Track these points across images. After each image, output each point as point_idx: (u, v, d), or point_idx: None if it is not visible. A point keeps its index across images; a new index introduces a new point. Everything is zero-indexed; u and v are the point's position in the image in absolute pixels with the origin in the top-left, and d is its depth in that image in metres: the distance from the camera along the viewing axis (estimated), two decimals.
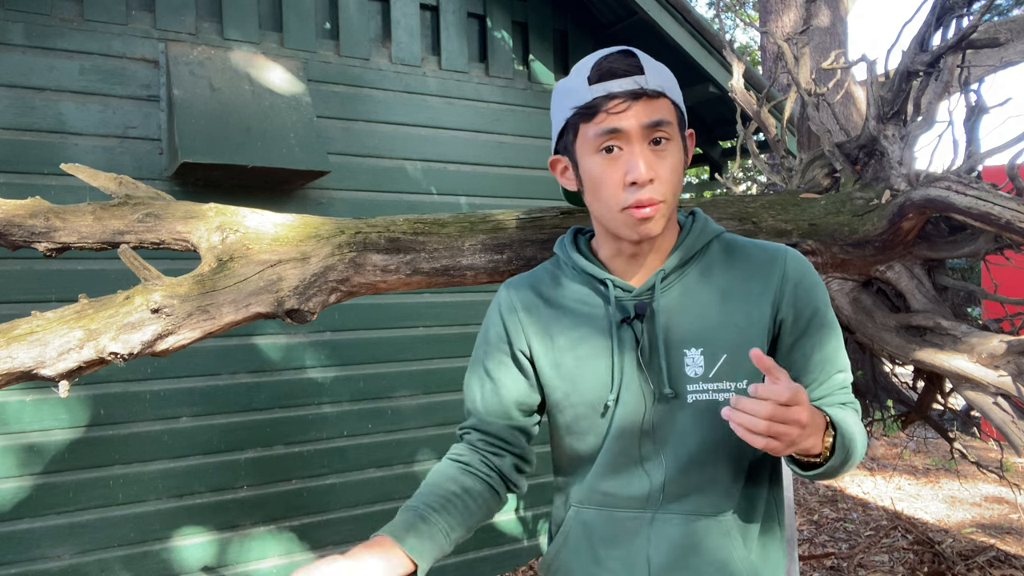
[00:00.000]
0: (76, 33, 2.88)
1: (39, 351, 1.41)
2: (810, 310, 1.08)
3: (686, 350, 1.06)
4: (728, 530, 1.07)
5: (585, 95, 1.03)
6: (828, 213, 1.85)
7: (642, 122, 1.01)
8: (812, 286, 1.09)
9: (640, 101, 1.01)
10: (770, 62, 6.86)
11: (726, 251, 1.12)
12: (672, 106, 1.04)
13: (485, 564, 3.62)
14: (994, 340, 1.70)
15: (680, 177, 1.06)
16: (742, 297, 1.08)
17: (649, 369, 1.07)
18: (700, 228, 1.13)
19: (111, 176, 1.72)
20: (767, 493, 1.13)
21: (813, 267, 1.12)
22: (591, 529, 1.13)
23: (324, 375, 3.28)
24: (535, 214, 1.74)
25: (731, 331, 1.06)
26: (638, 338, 1.08)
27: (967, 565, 3.45)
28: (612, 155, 1.03)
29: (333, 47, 3.38)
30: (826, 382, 1.10)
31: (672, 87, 1.05)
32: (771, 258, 1.10)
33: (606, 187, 1.04)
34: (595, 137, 1.03)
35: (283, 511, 3.17)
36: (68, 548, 2.78)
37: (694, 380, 1.06)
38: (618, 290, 1.10)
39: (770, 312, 1.07)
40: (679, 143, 1.06)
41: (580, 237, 1.20)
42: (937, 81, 1.93)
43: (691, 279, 1.10)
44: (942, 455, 5.91)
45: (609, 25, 3.97)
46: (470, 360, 1.24)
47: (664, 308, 1.08)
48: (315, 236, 1.64)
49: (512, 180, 3.79)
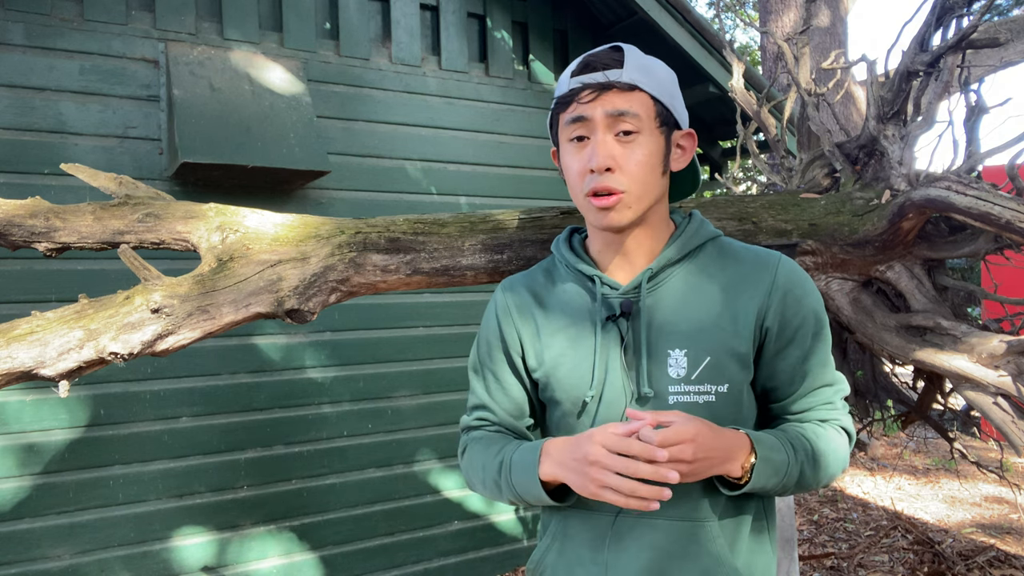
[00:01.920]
0: (76, 33, 2.88)
1: (39, 351, 1.41)
2: (798, 320, 1.08)
3: (670, 351, 1.06)
4: (713, 536, 1.06)
5: (564, 87, 1.07)
6: (828, 213, 1.85)
7: (606, 110, 1.02)
8: (802, 296, 1.08)
9: (609, 92, 1.03)
10: (770, 62, 6.86)
11: (720, 254, 1.12)
12: (649, 100, 1.04)
13: (485, 564, 3.62)
14: (994, 340, 1.70)
15: (651, 171, 1.05)
16: (730, 301, 1.07)
17: (632, 368, 1.07)
18: (694, 230, 1.12)
19: (111, 176, 1.72)
20: (755, 509, 1.11)
21: (809, 277, 1.12)
22: (574, 532, 1.12)
23: (324, 375, 3.28)
24: (535, 214, 1.74)
25: (716, 334, 1.06)
26: (623, 336, 1.08)
27: (967, 565, 3.45)
28: (580, 144, 1.06)
29: (333, 47, 3.38)
30: (808, 396, 1.10)
31: (654, 83, 1.05)
32: (763, 265, 1.09)
33: (572, 174, 1.08)
34: (565, 125, 1.07)
35: (283, 511, 3.17)
36: (68, 548, 2.78)
37: (676, 381, 1.05)
38: (605, 287, 1.10)
39: (756, 319, 1.06)
40: (654, 137, 1.05)
41: (576, 236, 1.21)
42: (937, 81, 1.93)
43: (680, 280, 1.09)
44: (942, 455, 5.91)
45: (609, 25, 3.97)
46: (470, 359, 1.24)
47: (650, 307, 1.08)
48: (315, 236, 1.64)
49: (512, 180, 3.79)
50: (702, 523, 1.06)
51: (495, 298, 1.22)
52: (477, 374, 1.22)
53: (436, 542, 3.51)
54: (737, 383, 1.06)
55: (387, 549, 3.39)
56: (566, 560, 1.13)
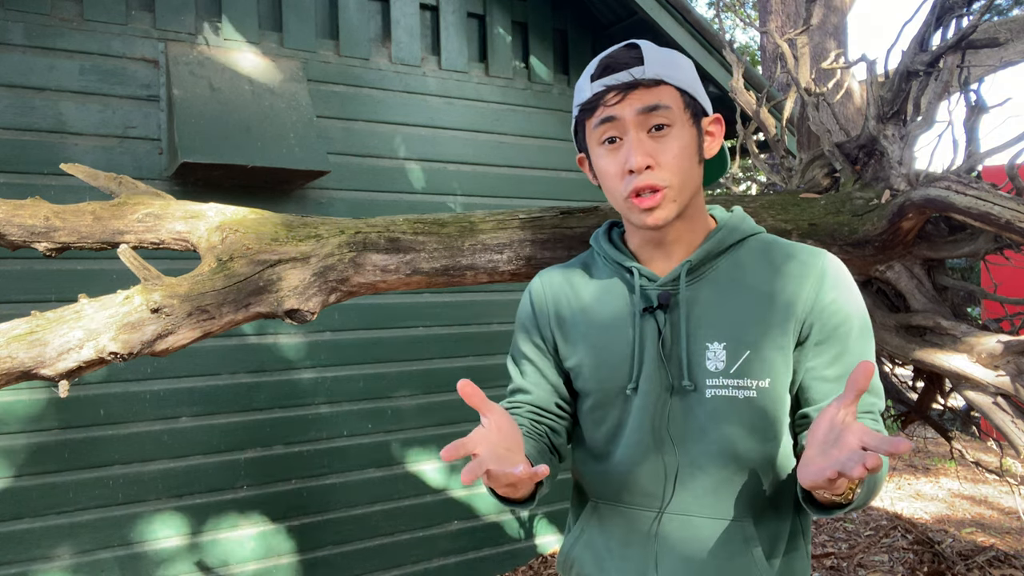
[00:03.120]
0: (76, 33, 2.88)
1: (39, 351, 1.41)
2: (839, 319, 1.04)
3: (708, 344, 1.04)
4: (747, 537, 1.04)
5: (587, 92, 1.05)
6: (828, 213, 1.85)
7: (636, 108, 1.00)
8: (847, 296, 1.05)
9: (636, 91, 1.01)
10: (770, 62, 6.86)
11: (762, 250, 1.09)
12: (676, 92, 1.03)
13: (485, 564, 3.62)
14: (993, 340, 1.70)
15: (689, 162, 1.03)
16: (771, 297, 1.05)
17: (669, 360, 1.06)
18: (735, 224, 1.10)
19: (111, 176, 1.72)
20: (794, 513, 1.09)
21: (852, 279, 1.08)
22: (604, 524, 1.12)
23: (324, 375, 3.28)
24: (535, 214, 1.74)
25: (756, 329, 1.03)
26: (660, 328, 1.06)
27: (967, 565, 3.45)
28: (613, 146, 1.04)
29: (333, 47, 3.38)
30: None
31: (677, 74, 1.03)
32: (807, 262, 1.06)
33: (609, 178, 1.05)
34: (595, 129, 1.04)
35: (283, 511, 3.17)
36: (68, 548, 2.78)
37: (714, 375, 1.03)
38: (643, 279, 1.09)
39: (798, 315, 1.04)
40: (687, 127, 1.04)
41: (615, 229, 1.19)
42: (937, 81, 1.93)
43: (720, 273, 1.07)
44: (942, 455, 5.91)
45: (609, 25, 3.97)
46: (511, 344, 1.25)
47: (688, 300, 1.06)
48: (315, 236, 1.64)
49: (512, 180, 3.79)
50: (737, 522, 1.05)
51: (531, 286, 1.22)
52: (513, 361, 1.22)
53: (436, 542, 3.51)
54: (780, 378, 1.03)
55: (387, 549, 3.39)
56: (594, 552, 1.13)
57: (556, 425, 1.18)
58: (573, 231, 1.73)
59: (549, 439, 1.16)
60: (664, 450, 1.06)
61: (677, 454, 1.06)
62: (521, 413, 1.18)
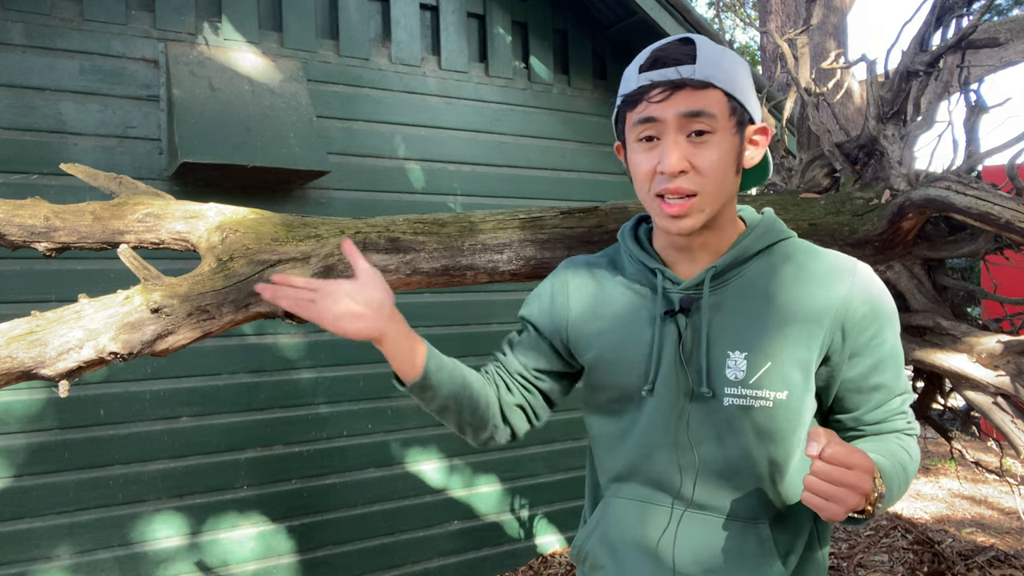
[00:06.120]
0: (76, 33, 2.88)
1: (39, 351, 1.41)
2: (872, 330, 1.03)
3: (729, 351, 1.03)
4: (763, 539, 1.04)
5: (632, 84, 1.01)
6: (828, 213, 1.85)
7: (679, 111, 0.97)
8: (877, 306, 1.04)
9: (683, 91, 0.97)
10: (770, 62, 6.86)
11: (792, 256, 1.07)
12: (723, 97, 0.99)
13: (485, 564, 3.62)
14: (993, 340, 1.70)
15: (725, 172, 1.01)
16: (798, 306, 1.02)
17: (688, 366, 1.05)
18: (764, 229, 1.08)
19: (111, 176, 1.72)
20: (810, 519, 1.09)
21: (884, 286, 1.07)
22: (620, 520, 1.12)
23: (324, 375, 3.28)
24: (535, 214, 1.74)
25: (780, 340, 1.01)
26: (681, 333, 1.05)
27: (967, 565, 3.45)
28: (650, 144, 1.01)
29: (333, 47, 3.38)
30: (883, 405, 1.07)
31: (728, 78, 0.99)
32: (838, 270, 1.04)
33: (640, 173, 1.03)
34: (634, 125, 1.02)
35: (283, 511, 3.17)
36: (68, 548, 2.78)
37: (733, 383, 1.02)
38: (667, 281, 1.07)
39: (826, 327, 1.02)
40: (728, 137, 1.00)
41: (643, 225, 1.17)
42: (937, 81, 1.93)
43: (746, 280, 1.05)
44: (942, 455, 5.92)
45: (609, 25, 3.97)
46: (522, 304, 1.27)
47: (711, 306, 1.05)
48: (315, 236, 1.64)
49: (512, 180, 3.79)
50: (753, 524, 1.05)
51: (556, 272, 1.22)
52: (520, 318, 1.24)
53: (436, 542, 3.51)
54: (798, 391, 1.02)
55: (387, 549, 3.39)
56: (608, 545, 1.13)
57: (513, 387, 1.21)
58: (573, 231, 1.73)
59: (499, 397, 1.19)
60: (682, 451, 1.06)
61: (696, 456, 1.06)
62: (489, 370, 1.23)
